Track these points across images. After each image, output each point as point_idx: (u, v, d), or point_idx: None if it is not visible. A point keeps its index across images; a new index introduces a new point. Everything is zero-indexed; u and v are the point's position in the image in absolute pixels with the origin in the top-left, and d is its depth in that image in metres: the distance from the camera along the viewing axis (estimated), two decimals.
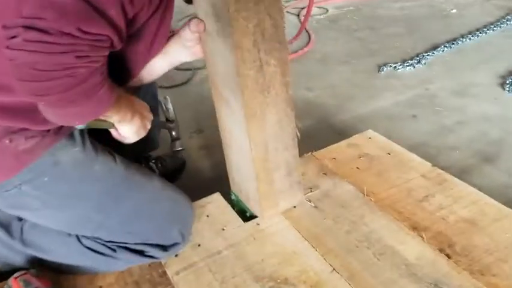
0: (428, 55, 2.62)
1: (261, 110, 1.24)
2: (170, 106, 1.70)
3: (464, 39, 2.73)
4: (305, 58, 2.81)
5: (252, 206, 1.43)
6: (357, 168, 1.55)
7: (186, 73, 2.79)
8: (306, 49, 2.89)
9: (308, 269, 1.21)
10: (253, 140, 1.25)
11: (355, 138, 1.71)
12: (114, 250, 1.23)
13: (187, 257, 1.30)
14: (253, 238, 1.34)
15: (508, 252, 1.17)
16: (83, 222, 1.19)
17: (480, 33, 2.78)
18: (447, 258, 1.18)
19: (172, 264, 1.29)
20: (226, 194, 1.53)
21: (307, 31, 3.12)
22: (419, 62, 2.57)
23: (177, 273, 1.26)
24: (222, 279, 1.22)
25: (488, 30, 2.81)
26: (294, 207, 1.42)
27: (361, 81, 2.53)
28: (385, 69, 2.56)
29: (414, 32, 2.97)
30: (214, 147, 1.91)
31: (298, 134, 1.33)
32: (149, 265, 1.29)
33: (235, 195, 1.52)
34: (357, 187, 1.46)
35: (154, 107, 1.55)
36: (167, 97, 1.72)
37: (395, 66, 2.56)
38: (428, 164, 1.52)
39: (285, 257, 1.26)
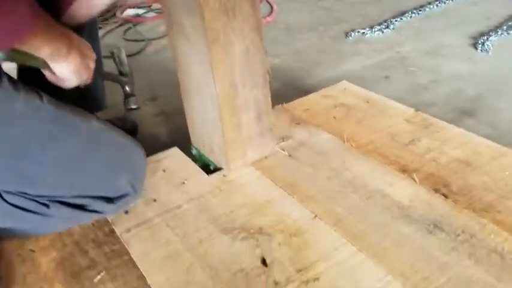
0: (396, 21, 2.51)
1: (224, 34, 1.05)
2: (124, 57, 1.48)
3: (432, 6, 2.65)
4: (268, 28, 2.64)
5: (217, 158, 1.23)
6: (334, 117, 1.38)
7: (139, 44, 2.60)
8: (269, 19, 2.72)
9: (285, 217, 1.03)
10: (216, 72, 1.06)
11: (328, 90, 1.55)
12: (46, 206, 1.00)
13: (140, 214, 1.09)
14: (219, 190, 1.14)
15: (510, 189, 1.03)
16: (3, 173, 0.96)
17: (446, 0, 2.71)
18: (444, 197, 1.02)
19: (121, 222, 1.07)
20: (186, 153, 1.34)
21: (268, 2, 2.96)
22: (387, 27, 2.46)
23: (128, 230, 1.05)
24: (183, 234, 1.02)
25: None
26: (265, 157, 1.24)
27: (328, 47, 2.39)
28: (352, 34, 2.42)
29: (379, 0, 2.87)
30: (170, 114, 1.75)
31: (270, 72, 1.15)
32: (93, 224, 1.07)
33: (196, 149, 1.32)
34: (335, 135, 1.29)
35: (97, 55, 1.33)
36: (121, 47, 1.49)
37: (363, 32, 2.44)
38: (411, 109, 1.38)
39: (256, 207, 1.07)
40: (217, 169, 1.23)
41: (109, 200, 1.04)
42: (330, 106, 1.44)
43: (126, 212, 1.10)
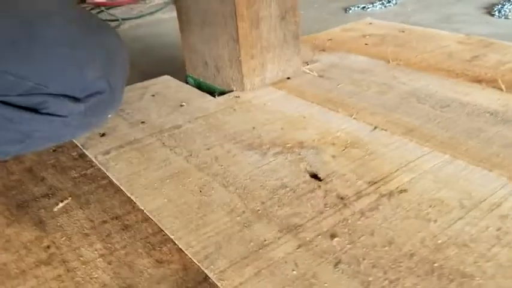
0: None
1: None
2: None
3: None
4: None
5: (225, 79, 0.92)
6: (365, 44, 1.10)
7: (113, 24, 2.33)
8: None
9: (333, 130, 0.72)
10: None
11: (352, 25, 1.28)
12: None
13: (123, 135, 0.77)
14: (233, 109, 0.83)
15: None
16: None
17: None
18: None
19: (95, 145, 0.74)
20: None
21: None
22: (389, 1, 2.24)
23: (106, 152, 0.72)
24: (188, 153, 0.70)
25: None
26: (288, 78, 0.94)
27: (330, 20, 2.15)
28: (352, 9, 2.20)
29: None
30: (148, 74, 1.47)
31: None
32: (53, 150, 0.74)
33: (193, 77, 1.01)
34: (373, 58, 1.01)
35: None
36: None
37: (363, 7, 2.21)
38: (462, 34, 1.12)
39: (289, 123, 0.76)
40: (224, 93, 0.92)
41: (73, 99, 0.70)
42: (357, 36, 1.16)
43: (103, 135, 0.77)
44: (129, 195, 0.61)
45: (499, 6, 2.02)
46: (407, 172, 0.61)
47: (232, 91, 0.91)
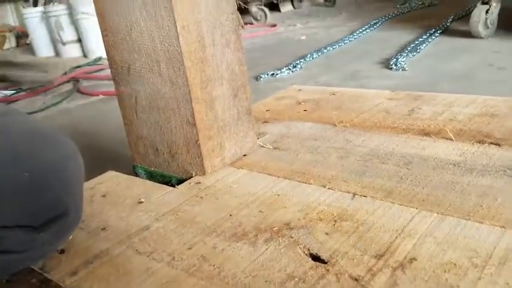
0: (301, 62, 2.45)
1: None
2: None
3: (329, 48, 2.67)
4: None
5: (182, 164, 0.88)
6: (304, 110, 1.13)
7: None
8: None
9: (314, 205, 0.70)
10: (179, 18, 0.75)
11: (283, 93, 1.31)
12: None
13: (86, 248, 0.68)
14: (200, 197, 0.78)
15: None
16: None
17: (339, 43, 2.77)
18: (496, 145, 0.81)
19: (57, 265, 0.64)
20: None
21: None
22: (295, 66, 2.37)
23: (73, 273, 0.62)
24: (169, 257, 0.63)
25: (344, 42, 2.81)
26: (244, 155, 0.92)
27: None
28: (263, 76, 2.28)
29: (275, 54, 2.84)
30: None
31: (243, 25, 0.88)
32: (6, 280, 0.63)
33: (142, 167, 0.95)
34: (317, 123, 1.03)
35: None
36: None
37: (272, 73, 2.31)
38: (387, 91, 1.19)
39: (266, 203, 0.73)
40: (183, 181, 0.87)
41: (32, 228, 0.61)
42: (293, 104, 1.19)
43: (62, 252, 0.68)
44: None
45: (394, 59, 2.23)
46: (407, 238, 0.60)
47: (191, 177, 0.86)
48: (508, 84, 1.72)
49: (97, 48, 3.39)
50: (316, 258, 0.59)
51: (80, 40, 3.63)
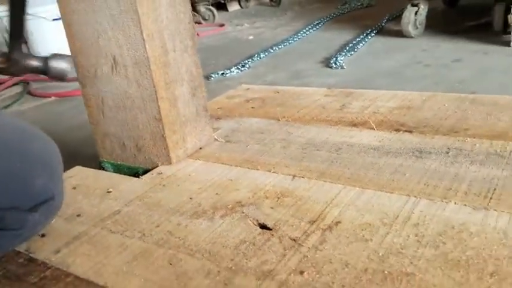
0: (249, 61, 2.59)
1: None
2: None
3: (275, 48, 2.83)
4: None
5: (148, 156, 0.99)
6: (252, 108, 1.27)
7: None
8: None
9: (261, 186, 0.84)
10: (145, 27, 0.87)
11: (233, 92, 1.44)
12: None
13: (65, 232, 0.78)
14: (163, 185, 0.90)
15: (461, 114, 1.03)
16: None
17: (285, 43, 2.93)
18: (409, 132, 0.98)
19: (41, 246, 0.75)
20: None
21: None
22: (243, 66, 2.51)
23: (56, 251, 0.73)
24: (140, 234, 0.75)
25: (289, 41, 2.98)
26: (201, 148, 1.04)
27: None
28: (214, 76, 2.40)
29: (224, 53, 2.95)
30: None
31: (198, 33, 1.00)
32: None
33: (110, 163, 1.05)
34: (263, 119, 1.17)
35: None
36: None
37: (222, 73, 2.44)
38: (323, 88, 1.35)
39: (221, 187, 0.86)
40: (148, 172, 0.98)
41: (26, 209, 0.71)
42: (242, 102, 1.32)
43: (43, 235, 0.78)
44: (102, 284, 0.64)
45: (334, 59, 2.41)
46: (334, 208, 0.75)
47: (157, 166, 0.97)
48: (432, 78, 1.94)
49: (44, 50, 3.38)
50: (263, 226, 0.73)
51: (26, 42, 3.60)
